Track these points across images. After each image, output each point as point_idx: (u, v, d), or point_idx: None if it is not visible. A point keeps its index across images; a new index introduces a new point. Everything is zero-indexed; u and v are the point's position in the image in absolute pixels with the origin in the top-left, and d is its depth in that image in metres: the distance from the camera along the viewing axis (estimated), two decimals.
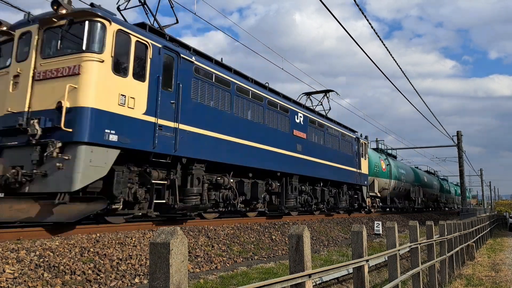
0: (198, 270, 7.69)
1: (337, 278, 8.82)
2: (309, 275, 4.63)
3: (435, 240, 11.85)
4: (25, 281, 5.38)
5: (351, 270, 7.67)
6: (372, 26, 11.37)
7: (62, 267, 5.97)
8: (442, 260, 12.68)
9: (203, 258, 8.28)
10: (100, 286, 5.92)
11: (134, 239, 7.87)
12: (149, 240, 2.92)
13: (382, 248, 12.69)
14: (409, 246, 9.26)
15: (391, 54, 13.39)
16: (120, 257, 6.91)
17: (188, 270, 7.26)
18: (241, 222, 12.23)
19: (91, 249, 6.83)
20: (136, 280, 6.42)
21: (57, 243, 6.67)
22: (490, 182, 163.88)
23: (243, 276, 7.51)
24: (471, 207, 67.38)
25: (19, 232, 7.07)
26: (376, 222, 17.97)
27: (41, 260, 5.97)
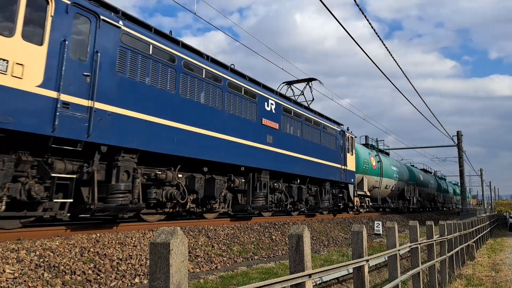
0: (198, 270, 7.70)
1: (337, 278, 8.83)
2: (309, 275, 4.63)
3: (435, 240, 11.85)
4: (25, 281, 5.38)
5: (351, 270, 7.68)
6: (372, 26, 11.37)
7: (62, 267, 5.97)
8: (442, 260, 12.68)
9: (203, 258, 8.29)
10: (100, 286, 5.92)
11: (134, 239, 7.88)
12: (149, 240, 2.92)
13: (382, 248, 12.70)
14: (409, 246, 9.26)
15: (391, 54, 13.40)
16: (120, 257, 6.91)
17: (188, 270, 7.26)
18: (241, 222, 12.25)
19: (91, 249, 6.83)
20: (136, 280, 6.42)
21: (57, 243, 6.68)
22: (490, 182, 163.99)
23: (243, 276, 7.51)
24: (471, 207, 67.11)
25: (19, 232, 7.07)
26: (376, 222, 18.03)
27: (41, 260, 5.98)
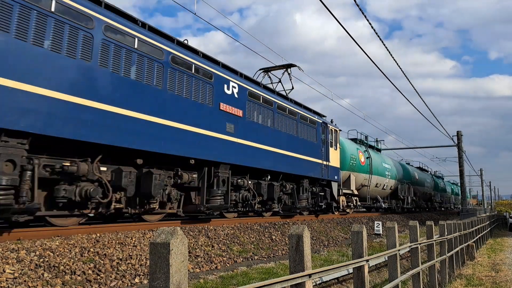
0: (198, 270, 7.70)
1: (337, 278, 8.84)
2: (309, 275, 4.64)
3: (435, 240, 11.86)
4: (25, 281, 5.38)
5: (351, 270, 7.68)
6: (372, 26, 11.37)
7: (62, 267, 5.97)
8: (442, 260, 12.69)
9: (203, 258, 8.29)
10: (100, 286, 5.93)
11: (134, 239, 7.88)
12: (149, 240, 2.92)
13: (382, 248, 12.71)
14: (409, 246, 9.26)
15: (391, 54, 13.39)
16: (120, 257, 6.91)
17: (188, 270, 7.26)
18: (241, 222, 12.25)
19: (91, 249, 6.83)
20: (136, 280, 6.42)
21: (57, 243, 6.68)
22: (490, 182, 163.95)
23: (243, 276, 7.51)
24: (471, 207, 66.86)
25: (19, 232, 7.07)
26: (376, 222, 18.08)
27: (41, 260, 5.98)
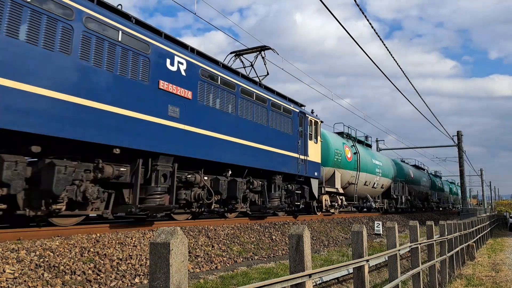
0: (198, 270, 7.70)
1: (337, 278, 8.84)
2: (309, 275, 4.63)
3: (435, 240, 11.85)
4: (25, 281, 5.38)
5: (351, 270, 7.68)
6: (372, 26, 11.36)
7: (62, 267, 5.97)
8: (442, 260, 12.68)
9: (203, 258, 8.29)
10: (100, 286, 5.92)
11: (134, 239, 7.87)
12: (149, 240, 2.92)
13: (382, 248, 12.70)
14: (410, 246, 9.26)
15: (391, 54, 13.39)
16: (120, 257, 6.91)
17: (188, 270, 7.26)
18: (241, 222, 12.24)
19: (91, 249, 6.83)
20: (136, 280, 6.42)
21: (57, 243, 6.67)
22: (490, 182, 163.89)
23: (243, 276, 7.51)
24: (471, 207, 66.63)
25: (19, 232, 7.07)
26: (376, 222, 18.09)
27: (41, 260, 5.97)
